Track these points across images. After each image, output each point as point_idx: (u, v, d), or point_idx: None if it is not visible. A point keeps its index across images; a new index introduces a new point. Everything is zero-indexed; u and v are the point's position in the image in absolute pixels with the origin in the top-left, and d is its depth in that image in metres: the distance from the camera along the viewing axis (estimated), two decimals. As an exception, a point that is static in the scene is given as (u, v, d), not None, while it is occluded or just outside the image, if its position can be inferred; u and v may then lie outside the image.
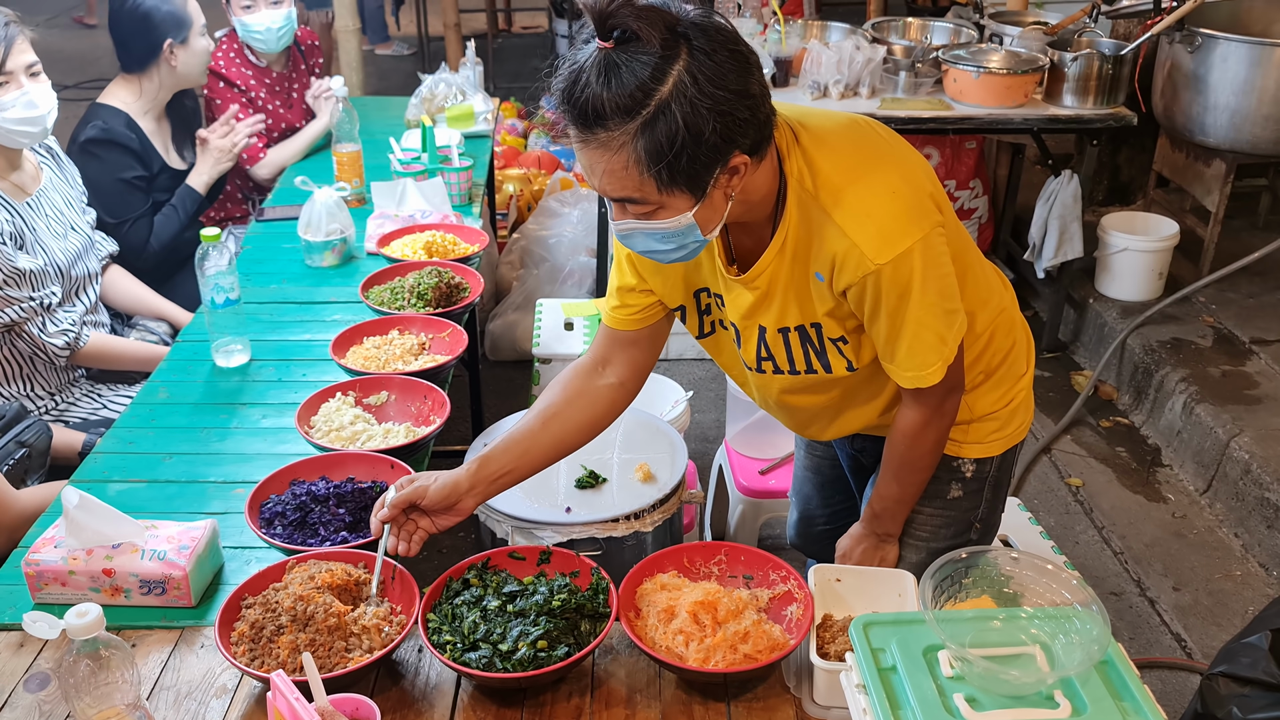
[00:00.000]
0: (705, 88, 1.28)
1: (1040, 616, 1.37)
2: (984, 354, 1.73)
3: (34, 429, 2.23)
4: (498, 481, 1.68)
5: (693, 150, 1.30)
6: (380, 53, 7.79)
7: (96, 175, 2.95)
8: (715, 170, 1.35)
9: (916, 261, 1.45)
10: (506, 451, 1.68)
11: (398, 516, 1.63)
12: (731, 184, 1.39)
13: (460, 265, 2.53)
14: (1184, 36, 3.83)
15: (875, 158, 1.49)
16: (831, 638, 1.52)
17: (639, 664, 1.55)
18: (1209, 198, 4.05)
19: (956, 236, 1.60)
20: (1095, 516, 3.30)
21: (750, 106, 1.33)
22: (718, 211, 1.42)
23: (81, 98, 6.66)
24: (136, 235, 3.03)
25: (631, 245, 1.47)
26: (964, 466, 1.80)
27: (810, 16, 5.56)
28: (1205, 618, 2.89)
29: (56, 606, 1.61)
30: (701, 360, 4.08)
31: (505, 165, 5.07)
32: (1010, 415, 1.79)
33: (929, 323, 1.50)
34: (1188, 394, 3.50)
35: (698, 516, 2.80)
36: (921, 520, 1.84)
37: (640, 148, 1.30)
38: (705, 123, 1.29)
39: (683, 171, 1.33)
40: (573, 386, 1.73)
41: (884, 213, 1.44)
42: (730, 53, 1.31)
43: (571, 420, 1.72)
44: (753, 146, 1.37)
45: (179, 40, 3.00)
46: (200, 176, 3.17)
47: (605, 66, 1.28)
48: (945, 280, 1.51)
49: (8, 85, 2.39)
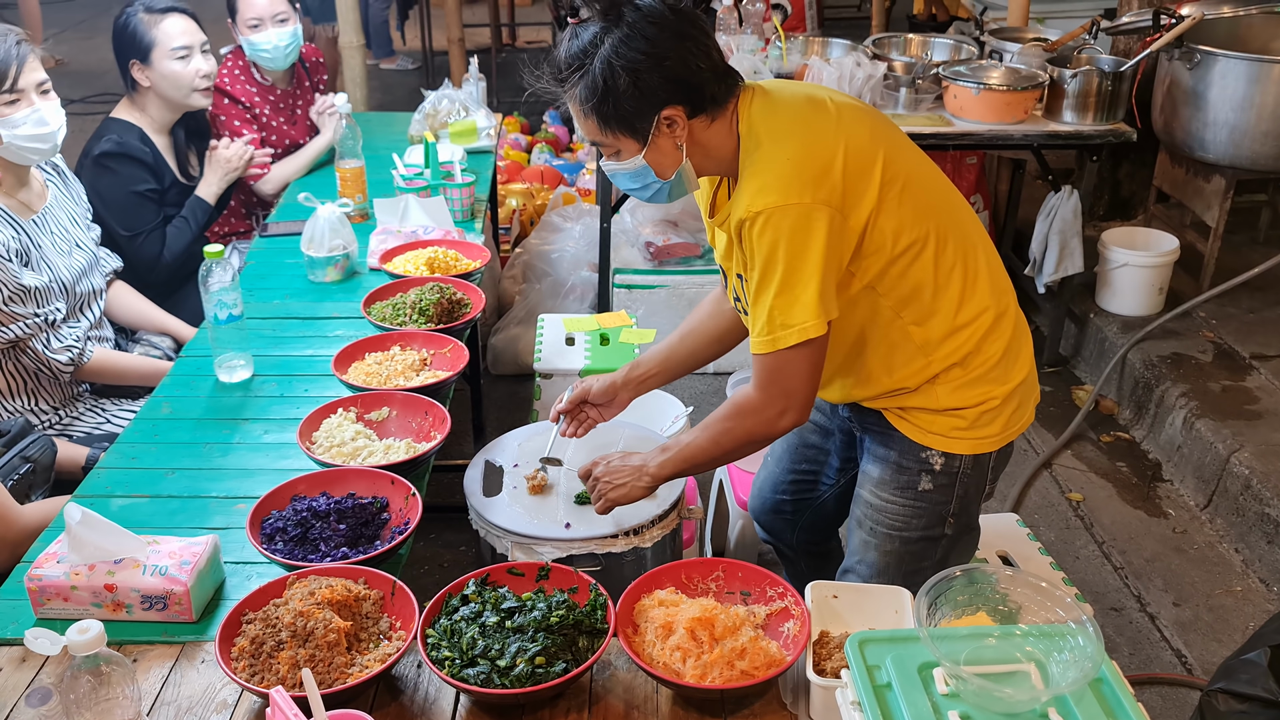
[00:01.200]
0: (623, 52, 1.61)
1: (1035, 634, 1.37)
2: (961, 349, 1.79)
3: (38, 444, 2.24)
4: (646, 382, 2.09)
5: (615, 100, 1.64)
6: (385, 67, 7.83)
7: (110, 188, 2.97)
8: (648, 120, 1.66)
9: (787, 223, 1.61)
10: (652, 359, 2.09)
11: (573, 410, 2.09)
12: (676, 134, 1.68)
13: (462, 281, 2.55)
14: (1183, 53, 3.85)
15: (799, 126, 1.69)
16: (828, 654, 1.53)
17: (636, 680, 1.56)
18: (1209, 213, 4.07)
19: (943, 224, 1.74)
20: (1096, 531, 3.30)
21: (667, 69, 1.62)
22: (669, 158, 1.71)
23: (87, 112, 6.71)
24: (150, 248, 3.05)
25: (617, 184, 1.79)
26: (932, 459, 1.86)
27: (812, 32, 5.59)
28: (1205, 633, 2.89)
29: (59, 622, 1.62)
30: (703, 375, 4.09)
31: (508, 180, 5.10)
32: (983, 418, 1.83)
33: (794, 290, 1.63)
34: (1188, 409, 3.51)
35: (697, 532, 2.81)
36: (894, 510, 1.92)
37: (580, 96, 1.67)
38: (620, 78, 1.62)
39: (613, 117, 1.66)
40: (706, 307, 2.09)
41: (776, 170, 1.64)
42: (656, 25, 1.62)
43: (704, 334, 2.08)
44: (688, 103, 1.66)
45: (143, 61, 3.02)
46: (209, 187, 3.19)
47: (568, 36, 1.68)
48: (819, 260, 1.62)
49: (18, 103, 2.41)
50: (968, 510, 1.94)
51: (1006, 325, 1.83)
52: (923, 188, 1.75)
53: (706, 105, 1.68)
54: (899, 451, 1.89)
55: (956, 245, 1.76)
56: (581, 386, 2.09)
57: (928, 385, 1.81)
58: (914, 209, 1.71)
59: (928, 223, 1.72)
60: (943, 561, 1.96)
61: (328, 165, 3.46)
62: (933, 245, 1.73)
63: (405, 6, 7.68)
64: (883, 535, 1.94)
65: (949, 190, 1.84)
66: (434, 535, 3.19)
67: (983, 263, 1.80)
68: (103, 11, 9.98)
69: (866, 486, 1.96)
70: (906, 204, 1.70)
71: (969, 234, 1.80)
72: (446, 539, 3.18)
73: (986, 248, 1.84)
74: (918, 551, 1.95)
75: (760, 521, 2.38)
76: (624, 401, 2.10)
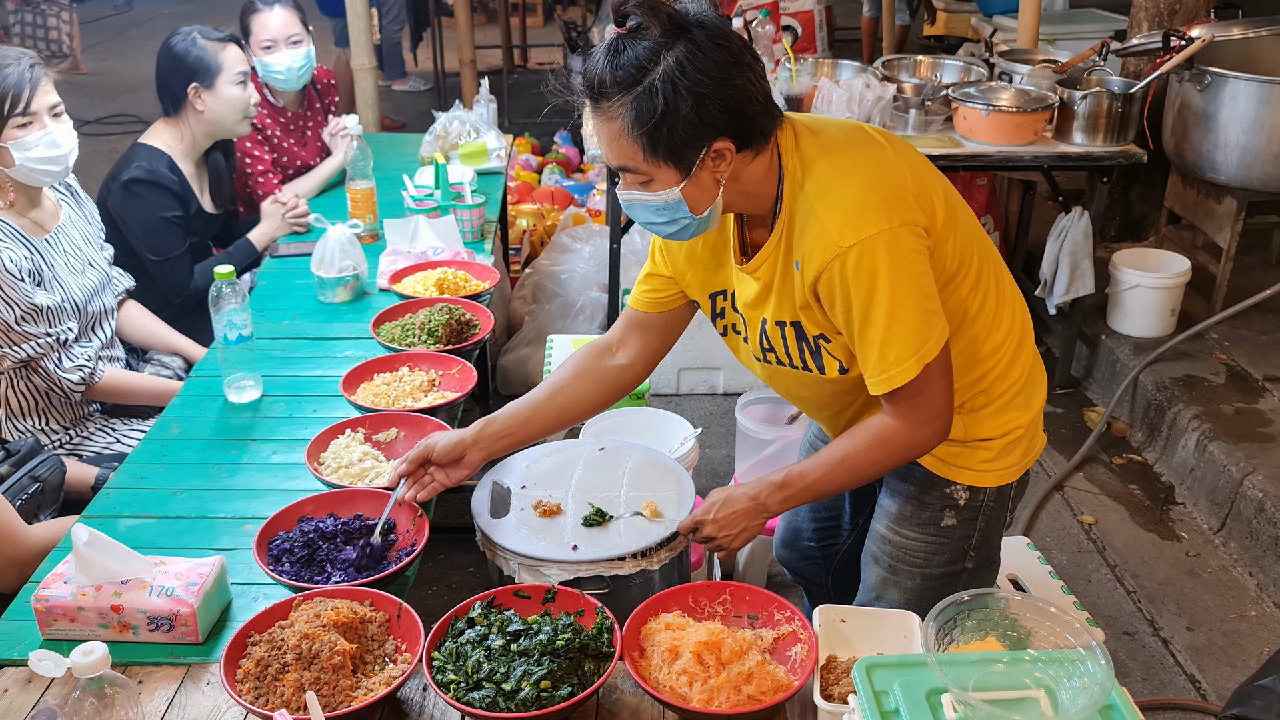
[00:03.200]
0: (689, 72, 1.48)
1: (1045, 660, 1.36)
2: (988, 375, 1.75)
3: (47, 464, 2.25)
4: (501, 440, 1.90)
5: (670, 125, 1.49)
6: (397, 88, 7.89)
7: (139, 214, 2.99)
8: (698, 150, 1.53)
9: (882, 250, 1.53)
10: (512, 416, 1.91)
11: (415, 471, 1.86)
12: (719, 169, 1.56)
13: (471, 302, 2.55)
14: (1193, 75, 3.85)
15: (860, 155, 1.61)
16: (836, 679, 1.51)
17: (643, 704, 1.55)
18: (1221, 234, 4.05)
19: (977, 249, 1.68)
20: (1108, 555, 3.28)
21: (729, 97, 1.50)
22: (707, 193, 1.58)
23: (103, 133, 6.78)
24: (178, 274, 3.06)
25: (633, 215, 1.63)
26: (957, 494, 1.81)
27: (822, 54, 5.60)
28: (1219, 659, 2.86)
29: (65, 643, 1.62)
30: (711, 395, 4.09)
31: (519, 200, 5.11)
32: (1008, 448, 1.80)
33: (902, 316, 1.55)
34: (1201, 431, 3.49)
35: (706, 554, 2.80)
36: (915, 547, 1.86)
37: (629, 118, 1.51)
38: (683, 102, 1.48)
39: (663, 143, 1.52)
40: (583, 364, 1.93)
41: (854, 201, 1.55)
42: (723, 49, 1.50)
43: (577, 394, 1.92)
44: (739, 136, 1.54)
45: (205, 85, 3.04)
46: (262, 235, 3.21)
47: (614, 49, 1.51)
48: (919, 278, 1.56)
49: (31, 125, 2.43)
50: (988, 543, 1.89)
51: (1027, 351, 1.81)
52: (965, 213, 1.72)
53: (754, 139, 1.57)
54: (920, 486, 1.83)
55: (987, 271, 1.73)
56: (424, 445, 1.88)
57: (956, 417, 1.75)
58: (963, 234, 1.68)
59: (970, 248, 1.69)
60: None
61: (339, 186, 3.47)
62: (974, 271, 1.70)
63: (418, 28, 7.75)
64: (904, 572, 1.88)
65: (973, 218, 1.81)
66: (442, 556, 3.18)
67: (1006, 289, 1.78)
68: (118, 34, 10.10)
69: (884, 522, 1.90)
70: (960, 229, 1.67)
71: (994, 260, 1.77)
72: (454, 560, 3.17)
73: (1006, 274, 1.81)
74: (939, 588, 1.86)
75: (790, 568, 2.30)
76: (473, 462, 1.90)
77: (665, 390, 4.11)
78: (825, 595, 2.26)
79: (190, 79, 3.03)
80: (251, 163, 3.42)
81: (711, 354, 4.06)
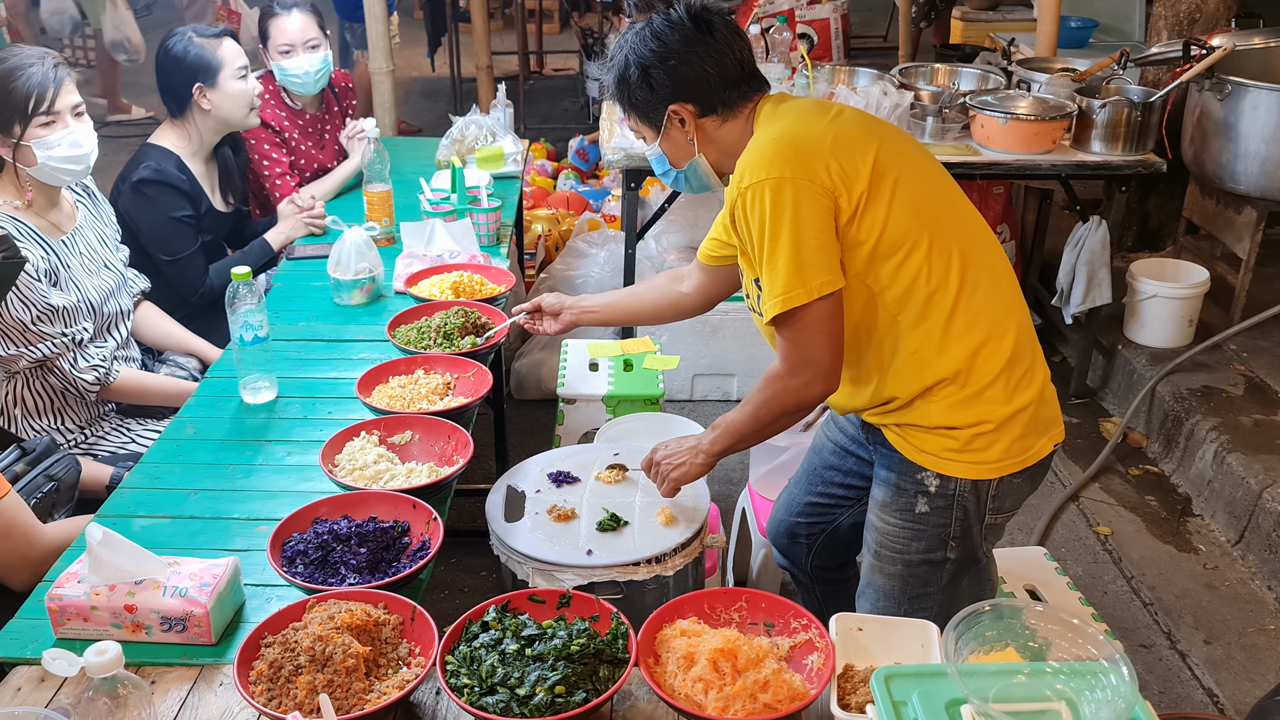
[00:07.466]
0: (637, 48, 1.84)
1: (1066, 672, 1.34)
2: (948, 354, 1.79)
3: (63, 463, 2.25)
4: (587, 314, 2.35)
5: (626, 90, 1.87)
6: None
7: (150, 215, 2.99)
8: (659, 112, 1.86)
9: (769, 193, 1.71)
10: (600, 299, 2.38)
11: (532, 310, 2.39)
12: (686, 129, 1.86)
13: (487, 305, 2.55)
14: (1213, 84, 3.82)
15: (791, 120, 1.81)
16: (853, 688, 1.50)
17: (657, 711, 1.53)
18: (1239, 245, 4.02)
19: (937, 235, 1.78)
20: (1124, 566, 3.25)
21: (673, 69, 1.81)
22: (681, 149, 1.90)
23: (116, 134, 6.79)
24: (192, 273, 3.06)
25: (653, 166, 1.98)
26: (928, 480, 1.88)
27: (838, 62, 5.59)
28: (1238, 672, 2.83)
29: (79, 642, 1.62)
30: (725, 401, 4.07)
31: (534, 205, 5.12)
32: (977, 441, 1.83)
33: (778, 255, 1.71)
34: (1219, 443, 3.46)
35: (720, 560, 2.78)
36: (894, 533, 1.94)
37: (609, 82, 1.92)
38: (633, 71, 1.85)
39: (630, 105, 1.89)
40: (657, 283, 2.32)
41: (758, 151, 1.76)
42: (677, 30, 1.82)
43: (646, 300, 2.32)
44: (698, 103, 1.84)
45: (208, 84, 3.05)
46: (279, 236, 3.21)
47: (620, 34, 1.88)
48: (802, 229, 1.70)
49: (54, 124, 2.44)
50: (969, 536, 1.92)
51: (1005, 346, 1.82)
52: (922, 193, 1.80)
53: (716, 107, 1.85)
54: (898, 473, 1.92)
55: (958, 257, 1.79)
56: (539, 298, 2.38)
57: (920, 401, 1.84)
58: (909, 209, 1.76)
59: (922, 226, 1.77)
60: (950, 588, 1.96)
61: (355, 189, 3.48)
62: (924, 249, 1.77)
63: (436, 34, 7.76)
64: (886, 558, 1.97)
65: (960, 207, 1.87)
66: (455, 560, 3.17)
67: (985, 280, 1.82)
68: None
69: (873, 510, 2.00)
70: (900, 201, 1.76)
71: (976, 251, 1.83)
72: (468, 564, 3.16)
73: (997, 269, 1.86)
74: (921, 576, 1.96)
75: (776, 545, 2.39)
76: (566, 321, 2.35)
77: (679, 396, 4.10)
78: (805, 578, 2.37)
79: (193, 79, 3.04)
80: (269, 165, 3.42)
81: (725, 360, 4.05)
